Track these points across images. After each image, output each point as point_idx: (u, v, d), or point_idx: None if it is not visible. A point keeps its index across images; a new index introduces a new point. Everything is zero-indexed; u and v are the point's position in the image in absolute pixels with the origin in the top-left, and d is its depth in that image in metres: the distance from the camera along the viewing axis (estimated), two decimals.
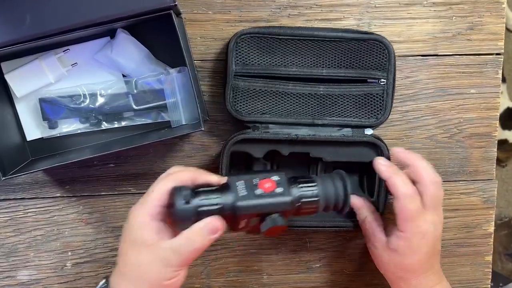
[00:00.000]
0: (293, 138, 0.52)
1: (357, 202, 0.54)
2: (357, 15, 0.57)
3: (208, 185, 0.44)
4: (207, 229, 0.42)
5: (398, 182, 0.48)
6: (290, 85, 0.54)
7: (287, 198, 0.43)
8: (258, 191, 0.43)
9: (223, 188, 0.44)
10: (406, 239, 0.48)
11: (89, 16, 0.48)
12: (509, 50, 1.39)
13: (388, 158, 0.53)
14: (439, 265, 0.53)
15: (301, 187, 0.45)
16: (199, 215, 0.42)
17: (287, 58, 0.53)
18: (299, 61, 0.53)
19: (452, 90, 0.59)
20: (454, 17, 0.58)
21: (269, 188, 0.43)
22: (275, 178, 0.44)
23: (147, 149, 0.59)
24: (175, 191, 0.42)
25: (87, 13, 0.48)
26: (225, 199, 0.43)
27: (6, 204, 0.59)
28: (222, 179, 0.45)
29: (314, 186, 0.45)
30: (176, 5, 0.49)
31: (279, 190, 0.43)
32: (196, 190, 0.43)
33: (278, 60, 0.53)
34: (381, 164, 0.51)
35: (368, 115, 0.54)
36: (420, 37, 0.58)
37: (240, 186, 0.43)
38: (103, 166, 0.59)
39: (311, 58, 0.53)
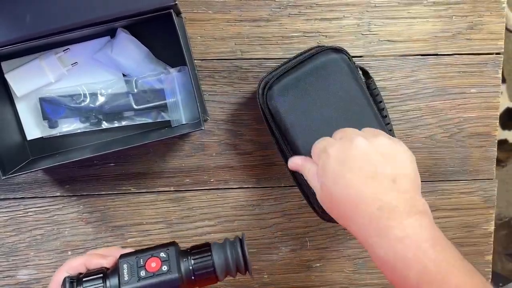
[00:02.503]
0: None
1: (297, 161, 0.48)
2: (357, 15, 0.57)
3: (100, 269, 0.44)
4: None
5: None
6: None
7: (174, 275, 0.42)
8: (143, 273, 0.42)
9: (110, 273, 0.43)
10: (319, 167, 0.42)
11: (89, 15, 0.48)
12: (509, 50, 1.39)
13: None
14: (403, 200, 0.39)
15: (194, 258, 0.44)
16: None
17: None
18: None
19: (452, 89, 0.59)
20: (454, 17, 0.58)
21: (154, 267, 0.42)
22: (162, 255, 0.43)
23: (147, 148, 0.59)
24: (63, 281, 0.42)
25: (87, 12, 0.48)
26: (109, 285, 0.42)
27: (6, 204, 0.59)
28: (111, 262, 0.44)
29: (208, 256, 0.44)
30: (176, 4, 0.49)
31: (164, 268, 0.42)
32: (83, 278, 0.43)
33: None
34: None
35: None
36: (420, 36, 0.58)
37: (126, 269, 0.42)
38: (103, 166, 0.59)
39: None
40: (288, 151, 0.52)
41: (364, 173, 0.40)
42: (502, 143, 1.33)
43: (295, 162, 0.49)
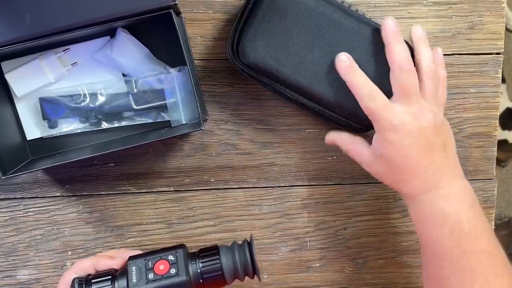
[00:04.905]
0: None
1: (332, 137, 0.53)
2: None
3: (108, 271, 0.44)
4: None
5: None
6: None
7: (182, 279, 0.42)
8: (151, 276, 0.42)
9: (118, 275, 0.43)
10: (382, 139, 0.46)
11: (89, 15, 0.48)
12: (509, 50, 1.39)
13: None
14: (452, 165, 0.47)
15: (202, 262, 0.44)
16: None
17: None
18: None
19: (452, 89, 0.59)
20: (454, 17, 0.58)
21: (163, 270, 0.43)
22: (170, 258, 0.43)
23: (147, 148, 0.59)
24: (72, 282, 0.43)
25: (87, 12, 0.48)
26: (117, 287, 0.42)
27: (6, 204, 0.59)
28: (120, 263, 0.44)
29: (216, 259, 0.44)
30: (176, 4, 0.49)
31: (173, 271, 0.43)
32: (92, 279, 0.43)
33: None
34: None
35: None
36: None
37: (135, 271, 0.43)
38: (103, 166, 0.59)
39: None
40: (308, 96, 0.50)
41: (421, 145, 0.45)
42: (502, 143, 1.33)
43: (334, 139, 0.52)
